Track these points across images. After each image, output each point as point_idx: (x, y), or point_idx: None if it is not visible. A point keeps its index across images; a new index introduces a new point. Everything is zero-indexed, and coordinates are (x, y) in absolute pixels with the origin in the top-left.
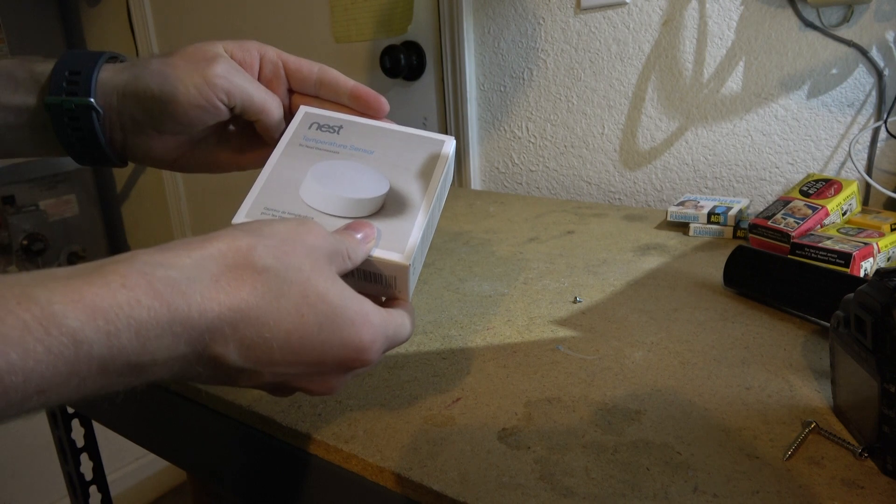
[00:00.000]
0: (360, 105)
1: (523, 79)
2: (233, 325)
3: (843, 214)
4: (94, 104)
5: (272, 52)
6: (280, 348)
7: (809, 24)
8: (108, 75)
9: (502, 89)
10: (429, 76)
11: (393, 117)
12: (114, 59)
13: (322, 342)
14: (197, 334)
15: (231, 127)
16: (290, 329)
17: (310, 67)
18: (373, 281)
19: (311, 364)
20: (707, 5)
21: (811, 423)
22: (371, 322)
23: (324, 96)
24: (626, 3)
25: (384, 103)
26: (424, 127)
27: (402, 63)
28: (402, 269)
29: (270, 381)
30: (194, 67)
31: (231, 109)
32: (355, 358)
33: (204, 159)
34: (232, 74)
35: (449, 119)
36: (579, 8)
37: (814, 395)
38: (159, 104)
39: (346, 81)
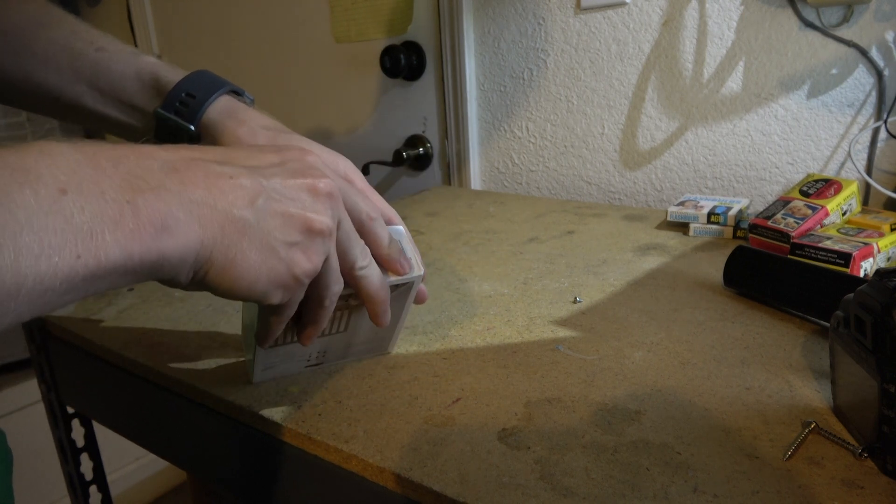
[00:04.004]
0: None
1: (523, 79)
2: None
3: (843, 214)
4: (193, 132)
5: (353, 177)
6: (238, 148)
7: (809, 24)
8: (216, 112)
9: (502, 89)
10: (429, 76)
11: (393, 117)
12: (235, 92)
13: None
14: (154, 150)
15: None
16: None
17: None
18: None
19: (275, 151)
20: (707, 5)
21: (811, 423)
22: None
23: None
24: (626, 3)
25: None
26: (424, 125)
27: (402, 63)
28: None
29: (263, 179)
30: None
31: None
32: (297, 150)
33: None
34: None
35: (449, 119)
36: (579, 8)
37: (814, 395)
38: None
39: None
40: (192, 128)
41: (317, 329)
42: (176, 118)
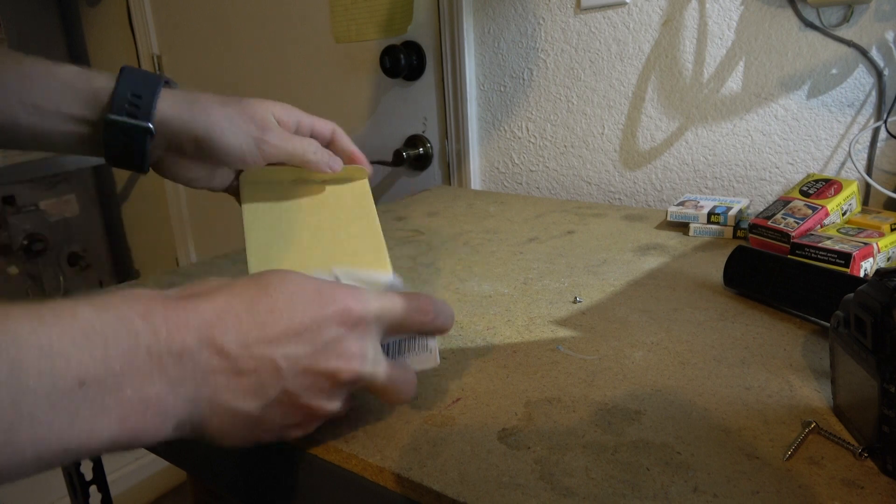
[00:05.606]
0: (351, 163)
1: (523, 79)
2: (224, 312)
3: (843, 214)
4: (152, 129)
5: (306, 120)
6: (279, 315)
7: (809, 24)
8: (167, 105)
9: (502, 89)
10: (429, 76)
11: (393, 117)
12: (166, 83)
13: (316, 295)
14: (197, 321)
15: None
16: (282, 302)
17: (323, 127)
18: None
19: (313, 323)
20: (707, 5)
21: (811, 423)
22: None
23: (332, 149)
24: (626, 3)
25: (369, 169)
26: (424, 125)
27: (402, 63)
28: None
29: (286, 370)
30: (248, 130)
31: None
32: (351, 305)
33: (220, 182)
34: (280, 141)
35: (449, 119)
36: (579, 8)
37: (814, 395)
38: (211, 149)
39: (348, 146)
40: (150, 125)
41: None
42: (132, 120)
